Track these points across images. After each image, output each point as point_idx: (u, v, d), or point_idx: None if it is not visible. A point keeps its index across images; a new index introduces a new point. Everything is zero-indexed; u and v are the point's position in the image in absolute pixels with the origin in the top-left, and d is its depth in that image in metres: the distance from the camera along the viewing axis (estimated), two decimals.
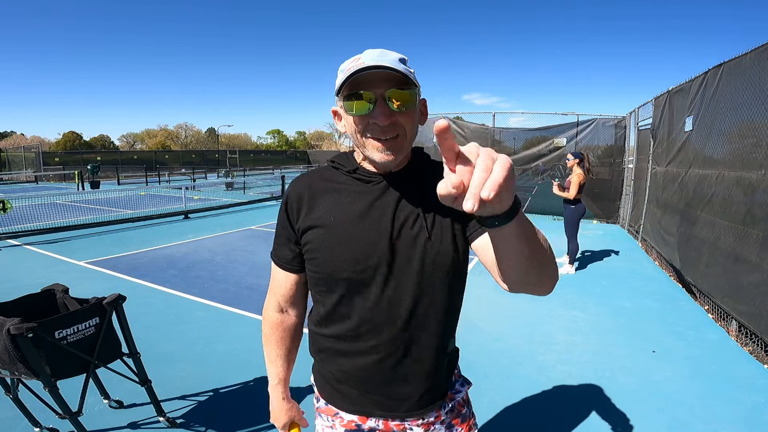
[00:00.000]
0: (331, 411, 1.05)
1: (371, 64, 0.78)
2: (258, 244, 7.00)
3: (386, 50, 0.83)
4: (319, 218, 0.93)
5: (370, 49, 0.84)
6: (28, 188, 18.06)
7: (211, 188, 17.65)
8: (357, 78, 0.80)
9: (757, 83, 3.55)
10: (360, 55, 0.83)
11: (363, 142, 0.86)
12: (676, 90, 5.99)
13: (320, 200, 0.95)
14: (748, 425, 2.42)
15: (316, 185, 0.97)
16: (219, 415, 2.45)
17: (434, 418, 1.02)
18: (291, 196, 0.98)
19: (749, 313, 3.38)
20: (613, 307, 4.31)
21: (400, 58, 0.83)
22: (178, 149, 48.54)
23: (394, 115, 0.82)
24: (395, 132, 0.84)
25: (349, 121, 0.86)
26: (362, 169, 0.94)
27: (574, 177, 5.40)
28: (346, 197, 0.93)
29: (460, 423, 1.07)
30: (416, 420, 1.00)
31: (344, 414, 1.02)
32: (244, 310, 4.07)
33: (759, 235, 3.34)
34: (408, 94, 0.82)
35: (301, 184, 0.99)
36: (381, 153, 0.85)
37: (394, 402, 0.97)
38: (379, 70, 0.78)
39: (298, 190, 0.98)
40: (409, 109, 0.83)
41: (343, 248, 0.90)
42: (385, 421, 1.00)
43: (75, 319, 1.94)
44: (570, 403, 2.66)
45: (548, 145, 10.28)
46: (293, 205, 0.98)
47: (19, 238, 7.11)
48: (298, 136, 66.78)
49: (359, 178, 0.94)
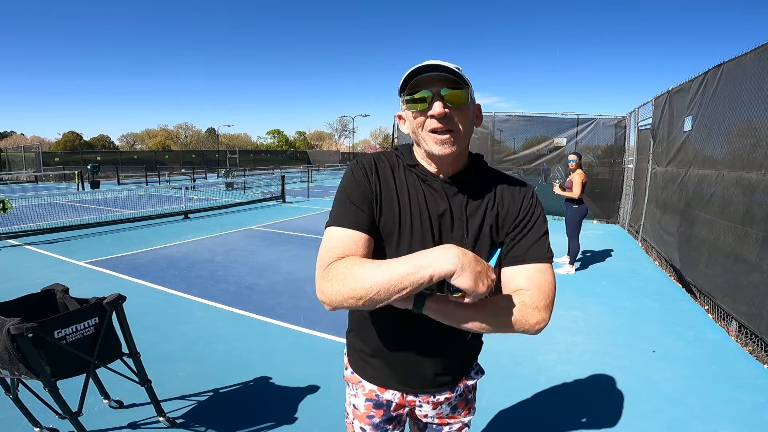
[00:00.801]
0: (355, 379, 1.16)
1: (427, 63, 0.90)
2: (258, 244, 7.00)
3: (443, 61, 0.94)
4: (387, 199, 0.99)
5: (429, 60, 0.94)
6: (28, 188, 18.05)
7: (211, 188, 17.65)
8: (417, 80, 0.91)
9: (757, 83, 3.55)
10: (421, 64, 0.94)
11: (423, 136, 0.95)
12: (676, 90, 5.99)
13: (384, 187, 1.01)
14: (748, 425, 2.42)
15: (382, 171, 1.02)
16: (219, 415, 2.45)
17: (444, 398, 1.13)
18: (364, 164, 1.02)
19: (749, 313, 3.38)
20: (613, 307, 4.31)
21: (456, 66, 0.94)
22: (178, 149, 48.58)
23: (449, 110, 0.91)
24: (449, 126, 0.92)
25: (410, 117, 0.96)
26: (421, 167, 1.02)
27: (575, 176, 5.39)
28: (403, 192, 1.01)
29: (463, 406, 1.19)
30: (428, 397, 1.12)
31: (366, 383, 1.13)
32: (244, 310, 4.07)
33: (759, 235, 3.35)
34: (460, 92, 0.92)
35: (368, 162, 1.04)
36: (439, 146, 0.93)
37: (411, 379, 1.09)
38: (435, 72, 0.90)
39: (369, 163, 1.03)
40: (462, 106, 0.92)
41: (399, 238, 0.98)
42: (401, 395, 1.12)
43: (75, 319, 1.94)
44: (570, 403, 2.66)
45: (548, 145, 10.28)
46: (370, 171, 1.01)
47: (19, 238, 7.11)
48: (298, 136, 66.84)
49: (418, 175, 1.02)
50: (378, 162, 1.04)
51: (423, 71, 0.90)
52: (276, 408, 2.52)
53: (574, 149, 9.45)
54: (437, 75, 0.90)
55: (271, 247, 6.79)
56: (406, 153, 1.06)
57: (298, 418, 2.43)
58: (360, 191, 0.98)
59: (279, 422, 2.39)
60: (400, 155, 1.06)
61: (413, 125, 0.97)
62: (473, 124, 0.99)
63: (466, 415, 1.20)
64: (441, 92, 0.91)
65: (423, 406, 1.13)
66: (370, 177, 1.00)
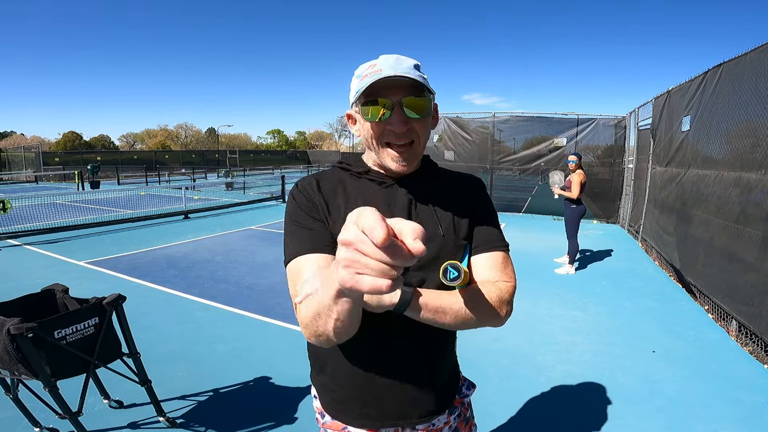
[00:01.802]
0: (338, 426, 0.99)
1: (390, 74, 0.79)
2: (258, 244, 7.00)
3: (402, 56, 0.85)
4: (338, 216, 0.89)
5: (384, 54, 0.85)
6: (28, 188, 18.05)
7: (211, 188, 17.65)
8: (373, 85, 0.81)
9: (756, 83, 3.55)
10: (376, 61, 0.84)
11: (378, 149, 0.88)
12: (676, 90, 5.99)
13: (333, 202, 0.91)
14: (748, 425, 2.42)
15: (325, 186, 0.93)
16: (219, 415, 2.45)
17: (444, 424, 1.01)
18: (304, 185, 0.93)
19: (749, 313, 3.38)
20: (613, 307, 4.31)
21: (414, 64, 0.85)
22: (178, 149, 48.54)
23: (410, 122, 0.84)
24: (410, 138, 0.86)
25: (366, 126, 0.87)
26: (373, 171, 0.94)
27: (575, 177, 5.40)
28: (357, 199, 0.92)
29: (464, 426, 1.08)
30: (426, 428, 0.99)
31: (352, 429, 0.97)
32: (244, 310, 4.07)
33: (758, 235, 3.34)
34: (424, 101, 0.84)
35: (308, 182, 0.95)
36: (396, 163, 0.87)
37: (405, 409, 0.95)
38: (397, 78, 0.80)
39: (309, 182, 0.94)
40: (425, 117, 0.85)
41: None
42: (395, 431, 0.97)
43: (75, 319, 1.94)
44: (570, 403, 2.66)
45: (548, 145, 10.28)
46: (312, 189, 0.92)
47: (19, 238, 7.11)
48: (298, 136, 66.80)
49: (371, 179, 0.94)
50: (320, 180, 0.95)
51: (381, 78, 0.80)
52: (276, 408, 2.52)
53: (574, 149, 9.45)
54: (398, 80, 0.80)
55: (271, 247, 6.79)
56: (353, 161, 0.97)
57: (298, 418, 2.43)
58: (305, 213, 0.89)
59: (279, 422, 2.39)
60: (347, 166, 0.97)
61: (367, 133, 0.88)
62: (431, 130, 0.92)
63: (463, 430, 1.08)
64: (403, 101, 0.82)
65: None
66: (313, 196, 0.91)
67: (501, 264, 0.92)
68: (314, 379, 1.05)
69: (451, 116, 10.94)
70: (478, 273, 0.91)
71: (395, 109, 0.82)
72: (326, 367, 0.99)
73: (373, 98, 0.82)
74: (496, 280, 0.89)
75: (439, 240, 0.91)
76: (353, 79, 0.89)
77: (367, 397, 0.95)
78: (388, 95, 0.82)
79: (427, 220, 0.91)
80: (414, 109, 0.83)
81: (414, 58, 0.86)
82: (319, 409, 1.04)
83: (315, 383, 1.05)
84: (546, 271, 5.60)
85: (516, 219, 10.18)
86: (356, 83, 0.86)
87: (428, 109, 0.85)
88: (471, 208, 0.96)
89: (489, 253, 0.92)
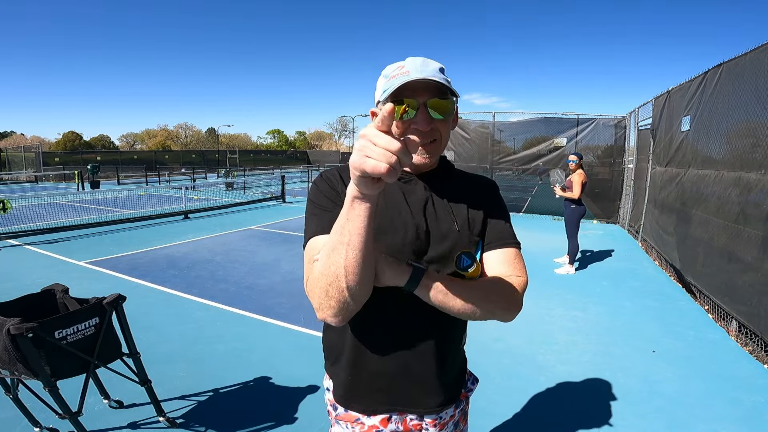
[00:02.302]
0: (351, 417, 1.03)
1: (417, 77, 0.84)
2: (258, 244, 7.00)
3: (428, 59, 0.89)
4: None
5: (411, 57, 0.90)
6: (28, 188, 18.05)
7: (211, 188, 17.65)
8: (401, 86, 0.85)
9: (756, 83, 3.55)
10: (403, 63, 0.89)
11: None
12: (676, 90, 5.99)
13: None
14: (748, 425, 2.42)
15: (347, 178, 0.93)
16: (219, 415, 2.45)
17: (449, 417, 1.06)
18: (329, 176, 0.98)
19: (749, 313, 3.38)
20: (613, 307, 4.31)
21: (440, 68, 0.89)
22: (178, 149, 48.53)
23: (434, 122, 0.88)
24: (433, 137, 0.90)
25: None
26: None
27: (576, 177, 5.40)
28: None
29: (463, 419, 1.13)
30: (434, 420, 1.03)
31: (365, 419, 1.01)
32: (244, 310, 4.07)
33: (758, 234, 3.35)
34: (448, 103, 0.88)
35: (331, 173, 0.99)
36: (418, 156, 0.91)
37: (416, 396, 0.99)
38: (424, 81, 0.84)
39: (333, 174, 0.99)
40: (448, 117, 0.90)
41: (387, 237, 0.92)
42: (404, 422, 1.02)
43: (75, 319, 1.94)
44: (570, 403, 2.66)
45: (548, 145, 10.29)
46: (336, 180, 0.97)
47: (19, 238, 7.10)
48: (298, 136, 66.80)
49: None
50: (342, 172, 0.98)
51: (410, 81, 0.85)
52: (276, 408, 2.52)
53: (574, 149, 9.45)
54: (425, 82, 0.85)
55: (271, 247, 6.79)
56: None
57: (298, 418, 2.43)
58: (327, 198, 0.94)
59: (279, 422, 2.39)
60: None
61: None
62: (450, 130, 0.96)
63: (463, 425, 1.14)
64: (428, 103, 0.86)
65: (429, 429, 1.04)
66: (336, 185, 0.96)
67: (513, 260, 0.96)
68: (329, 369, 1.08)
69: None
70: (490, 268, 0.95)
71: (420, 109, 0.86)
72: (341, 357, 1.01)
73: (400, 99, 0.86)
74: (508, 275, 0.93)
75: (455, 235, 0.94)
76: (380, 79, 0.93)
77: (380, 383, 0.98)
78: (414, 96, 0.86)
79: (443, 215, 0.95)
80: (438, 110, 0.87)
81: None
82: (332, 401, 1.06)
83: (329, 373, 1.08)
84: (546, 271, 5.60)
85: (516, 219, 10.16)
86: (383, 83, 0.91)
87: (451, 110, 0.89)
88: (485, 207, 1.00)
89: (501, 249, 0.97)
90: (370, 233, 0.73)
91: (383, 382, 0.98)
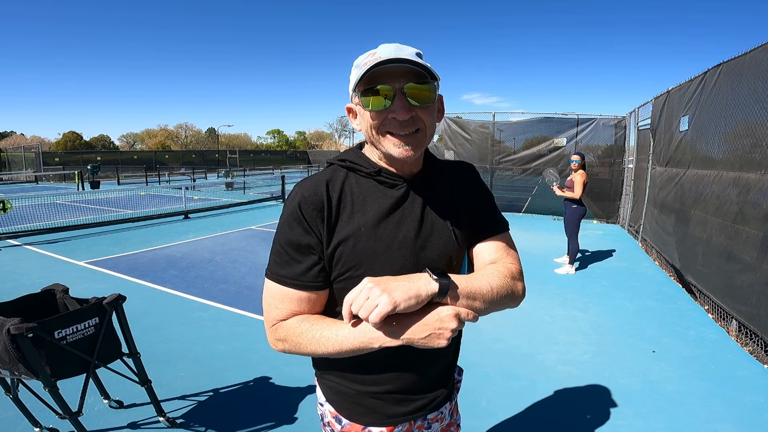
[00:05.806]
0: (357, 429, 0.95)
1: (389, 58, 0.76)
2: (258, 244, 7.00)
3: (402, 45, 0.82)
4: (349, 229, 0.84)
5: (384, 44, 0.82)
6: (28, 188, 18.05)
7: (211, 188, 17.64)
8: (374, 72, 0.77)
9: (755, 83, 3.55)
10: (375, 50, 0.81)
11: (379, 138, 0.83)
12: (675, 90, 5.99)
13: (343, 207, 0.86)
14: (748, 425, 2.42)
15: (332, 191, 0.86)
16: (219, 415, 2.45)
17: (447, 410, 1.05)
18: (303, 204, 0.84)
19: (749, 313, 3.38)
20: (613, 307, 4.31)
21: (416, 52, 0.82)
22: (178, 149, 48.52)
23: (413, 109, 0.80)
24: (415, 126, 0.82)
25: (366, 117, 0.83)
26: (386, 171, 0.89)
27: (577, 177, 5.39)
28: (371, 204, 0.87)
29: (455, 407, 1.12)
30: (436, 416, 1.01)
31: (373, 429, 0.94)
32: (244, 310, 4.07)
33: (758, 234, 3.34)
34: (427, 88, 0.80)
35: (311, 190, 0.86)
36: (399, 148, 0.81)
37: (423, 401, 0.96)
38: (397, 63, 0.76)
39: (312, 197, 0.85)
40: (429, 104, 0.81)
41: (383, 259, 0.85)
42: (409, 425, 0.97)
43: (75, 319, 1.94)
44: (570, 403, 2.66)
45: (548, 145, 10.28)
46: (311, 213, 0.84)
47: (19, 238, 7.10)
48: (298, 136, 66.80)
49: (383, 181, 0.89)
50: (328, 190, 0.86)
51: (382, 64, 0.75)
52: (276, 408, 2.52)
53: (574, 149, 9.45)
54: (400, 66, 0.77)
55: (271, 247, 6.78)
56: (360, 161, 0.89)
57: (298, 418, 2.43)
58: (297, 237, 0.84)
59: (279, 422, 2.39)
60: (355, 165, 0.89)
61: (367, 124, 0.83)
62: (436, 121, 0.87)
63: (456, 414, 1.12)
64: (404, 88, 0.78)
65: (432, 426, 1.01)
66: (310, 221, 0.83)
67: (504, 248, 0.95)
68: (326, 386, 0.98)
69: (451, 116, 10.94)
70: (485, 258, 0.93)
71: (397, 96, 0.78)
72: (343, 372, 0.94)
73: (373, 86, 0.78)
74: (504, 263, 0.92)
75: (454, 247, 0.92)
76: (352, 70, 0.85)
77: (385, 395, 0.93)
78: (388, 82, 0.78)
79: (440, 229, 0.91)
80: (417, 96, 0.79)
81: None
82: (333, 414, 0.97)
83: (323, 387, 0.99)
84: (546, 271, 5.60)
85: (516, 219, 10.17)
86: (355, 73, 0.82)
87: (432, 96, 0.81)
88: (471, 200, 0.97)
89: (492, 240, 0.95)
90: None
91: (385, 393, 0.93)
